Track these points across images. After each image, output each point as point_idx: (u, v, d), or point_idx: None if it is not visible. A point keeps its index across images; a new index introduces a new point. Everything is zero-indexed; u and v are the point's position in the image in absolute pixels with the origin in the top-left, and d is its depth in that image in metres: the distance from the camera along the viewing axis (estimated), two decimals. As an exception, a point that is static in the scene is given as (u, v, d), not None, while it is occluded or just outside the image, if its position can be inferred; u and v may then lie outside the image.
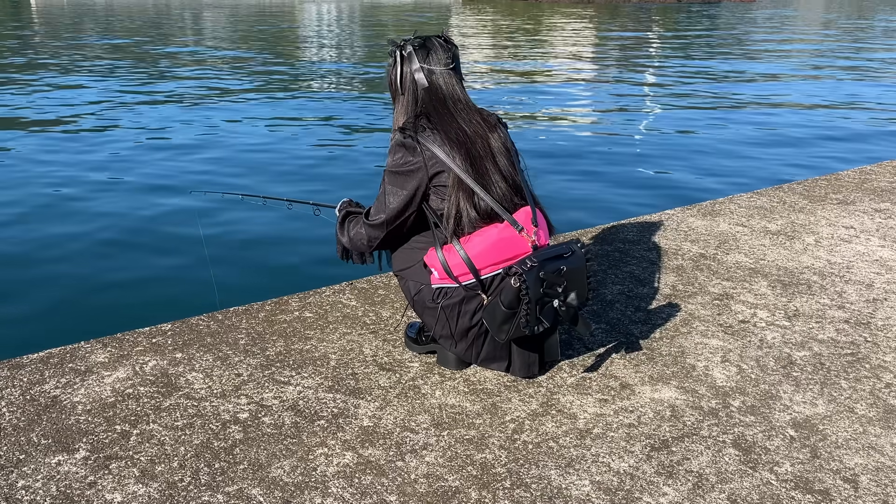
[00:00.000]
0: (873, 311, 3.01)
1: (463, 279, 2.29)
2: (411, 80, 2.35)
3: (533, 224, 2.30)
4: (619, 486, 1.97)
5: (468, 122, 2.33)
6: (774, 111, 11.03)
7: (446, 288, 2.34)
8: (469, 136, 2.30)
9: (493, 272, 2.29)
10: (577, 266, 2.25)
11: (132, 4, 36.77)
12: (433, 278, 2.35)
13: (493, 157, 2.32)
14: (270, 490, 1.93)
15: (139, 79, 13.53)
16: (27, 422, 2.20)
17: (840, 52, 19.96)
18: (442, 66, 2.34)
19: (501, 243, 2.27)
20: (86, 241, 5.48)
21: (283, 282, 4.64)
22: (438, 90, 2.34)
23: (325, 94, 12.32)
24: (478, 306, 2.32)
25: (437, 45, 2.37)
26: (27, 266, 5.02)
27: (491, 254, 2.27)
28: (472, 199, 2.27)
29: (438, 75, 2.34)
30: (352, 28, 27.41)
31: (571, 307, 2.23)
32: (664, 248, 3.65)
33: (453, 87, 2.35)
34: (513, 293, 2.15)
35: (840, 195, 4.61)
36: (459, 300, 2.32)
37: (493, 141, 2.34)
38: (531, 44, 21.12)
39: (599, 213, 6.02)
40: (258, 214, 6.01)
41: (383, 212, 2.34)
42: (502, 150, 2.36)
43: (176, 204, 6.33)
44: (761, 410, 2.31)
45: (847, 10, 43.20)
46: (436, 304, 2.35)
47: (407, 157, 2.28)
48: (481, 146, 2.31)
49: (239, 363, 2.54)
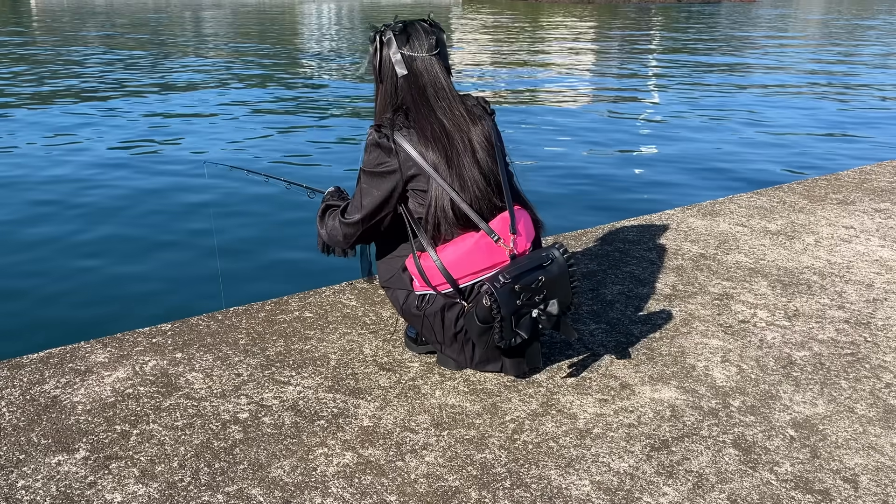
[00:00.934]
0: (873, 311, 3.01)
1: (441, 288, 2.25)
2: (391, 67, 2.25)
3: (511, 231, 2.22)
4: (619, 486, 1.97)
5: (448, 114, 2.23)
6: (774, 111, 11.03)
7: (428, 295, 2.31)
8: (447, 132, 2.21)
9: (473, 280, 2.24)
10: (558, 272, 2.19)
11: (132, 4, 36.77)
12: (415, 285, 2.32)
13: (473, 153, 2.23)
14: (270, 490, 1.93)
15: (139, 78, 13.54)
16: (27, 422, 2.20)
17: (840, 51, 19.96)
18: (424, 51, 2.24)
19: (477, 252, 2.21)
20: (86, 240, 5.48)
21: (283, 282, 4.64)
22: (419, 77, 2.24)
23: (323, 81, 12.33)
24: (460, 312, 2.28)
25: (419, 29, 2.26)
26: (27, 266, 5.02)
27: (466, 263, 2.22)
28: (451, 204, 2.20)
29: (420, 62, 2.24)
30: (352, 28, 27.41)
31: (552, 315, 2.18)
32: (664, 248, 3.65)
33: (436, 75, 2.25)
34: (485, 310, 2.12)
35: (840, 195, 4.61)
36: (441, 307, 2.29)
37: (474, 135, 2.25)
38: (531, 44, 21.12)
39: (599, 213, 6.02)
40: (258, 215, 6.01)
41: (358, 211, 2.28)
42: (484, 145, 2.26)
43: (176, 203, 6.33)
44: (761, 410, 2.31)
45: (847, 9, 43.19)
46: (420, 311, 2.32)
47: (382, 158, 2.21)
48: (460, 141, 2.21)
49: (239, 363, 2.54)
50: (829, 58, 18.39)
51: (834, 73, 15.53)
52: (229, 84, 13.02)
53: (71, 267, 5.01)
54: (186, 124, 9.63)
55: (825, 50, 20.71)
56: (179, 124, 9.64)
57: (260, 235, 5.63)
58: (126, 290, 4.69)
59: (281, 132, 9.23)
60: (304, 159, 7.95)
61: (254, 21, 28.56)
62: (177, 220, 5.96)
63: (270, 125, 9.65)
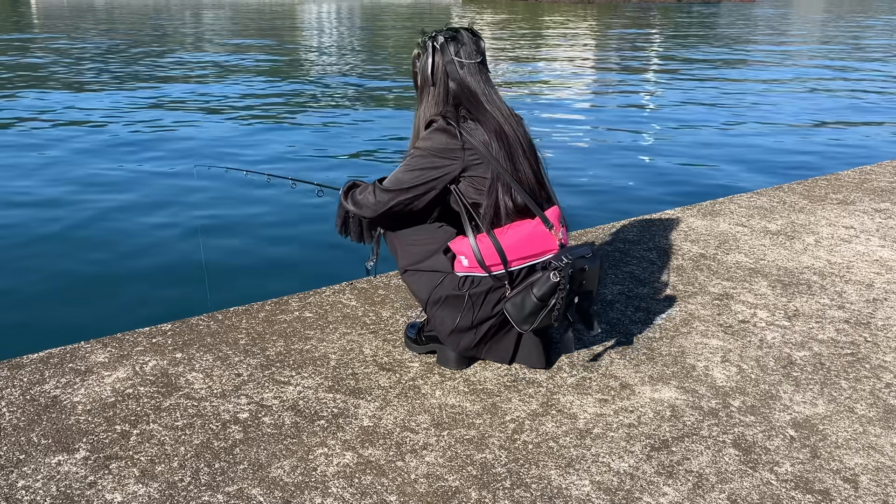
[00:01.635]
0: (873, 311, 3.01)
1: (494, 269, 2.31)
2: (443, 71, 2.34)
3: (561, 223, 2.36)
4: (619, 486, 1.97)
5: (501, 114, 2.34)
6: (775, 111, 11.03)
7: (472, 277, 2.34)
8: (504, 130, 2.32)
9: (521, 265, 2.33)
10: (596, 266, 2.30)
11: (133, 4, 36.78)
12: (459, 265, 2.34)
13: (524, 152, 2.36)
14: (270, 490, 1.93)
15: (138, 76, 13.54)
16: (27, 422, 2.20)
17: (840, 51, 19.97)
18: (471, 59, 2.35)
19: (533, 238, 2.31)
20: (85, 240, 5.48)
21: (283, 282, 4.64)
22: (469, 83, 2.34)
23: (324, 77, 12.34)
24: (500, 297, 2.34)
25: (466, 37, 2.37)
26: (27, 266, 5.02)
27: (522, 247, 2.31)
28: (510, 193, 2.31)
29: (468, 67, 2.34)
30: (352, 28, 27.42)
31: (585, 305, 2.30)
32: (664, 248, 3.65)
33: (483, 81, 2.36)
34: (549, 286, 2.21)
35: (840, 195, 4.61)
36: (487, 289, 2.34)
37: (523, 132, 2.38)
38: (531, 44, 21.12)
39: (600, 213, 6.02)
40: (259, 213, 6.01)
41: (400, 182, 2.31)
42: (530, 146, 2.39)
43: (177, 203, 6.33)
44: (761, 410, 2.31)
45: (848, 9, 43.20)
46: (461, 292, 2.35)
47: (448, 143, 2.28)
48: (514, 139, 2.33)
49: (239, 363, 2.54)
50: (830, 58, 18.40)
51: (834, 72, 15.53)
52: (229, 84, 13.02)
53: (71, 267, 5.01)
54: (186, 124, 9.63)
55: (825, 50, 20.72)
56: (179, 124, 9.64)
57: (259, 236, 5.62)
58: (126, 290, 4.69)
59: (279, 131, 9.23)
60: (306, 159, 7.95)
61: (254, 21, 28.56)
62: (177, 220, 5.96)
63: (271, 124, 9.65)
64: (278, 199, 6.22)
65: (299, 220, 5.82)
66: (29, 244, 5.40)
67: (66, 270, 4.96)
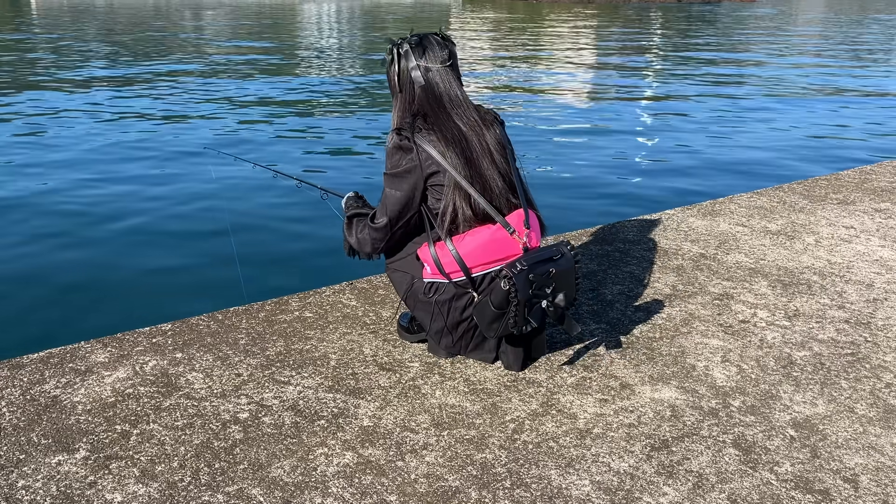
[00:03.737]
0: (873, 311, 3.01)
1: (453, 276, 2.34)
2: (408, 77, 2.38)
3: (525, 226, 2.34)
4: (619, 486, 1.97)
5: (464, 119, 2.36)
6: (775, 111, 11.03)
7: (437, 283, 2.38)
8: (464, 135, 2.33)
9: (484, 271, 2.34)
10: (566, 268, 2.30)
11: (133, 4, 36.77)
12: (425, 272, 2.39)
13: (490, 155, 2.35)
14: (270, 490, 1.93)
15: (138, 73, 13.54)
16: (27, 422, 2.20)
17: (840, 51, 19.96)
18: (438, 63, 2.37)
19: (493, 244, 2.31)
20: (86, 240, 5.48)
21: (282, 281, 4.64)
22: (435, 87, 2.36)
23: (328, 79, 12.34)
24: (468, 302, 2.37)
25: (433, 42, 2.39)
26: (27, 266, 5.02)
27: (481, 253, 2.31)
28: (468, 199, 2.31)
29: (435, 73, 2.36)
30: (352, 28, 27.42)
31: (559, 307, 2.29)
32: (664, 248, 3.65)
33: (450, 84, 2.37)
34: (502, 294, 2.21)
35: (840, 195, 4.61)
36: (450, 297, 2.37)
37: (489, 138, 2.37)
38: (531, 44, 21.12)
39: (600, 213, 6.02)
40: (259, 212, 6.01)
41: (385, 214, 2.38)
42: (498, 148, 2.38)
43: (177, 203, 6.33)
44: (761, 410, 2.31)
45: (847, 9, 43.19)
46: (428, 298, 2.40)
47: (403, 159, 2.32)
48: (477, 144, 2.34)
49: (239, 363, 2.54)
50: (830, 57, 18.39)
51: (834, 72, 15.53)
52: (229, 83, 13.02)
53: (71, 267, 5.01)
54: (187, 123, 9.63)
55: (825, 49, 20.71)
56: (179, 123, 9.64)
57: (259, 235, 5.62)
58: (126, 289, 4.69)
59: (279, 131, 9.23)
60: (306, 159, 7.95)
61: (254, 21, 28.56)
62: (177, 219, 5.96)
63: (270, 124, 9.65)
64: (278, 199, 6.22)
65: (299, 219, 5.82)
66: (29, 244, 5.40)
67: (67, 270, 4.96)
